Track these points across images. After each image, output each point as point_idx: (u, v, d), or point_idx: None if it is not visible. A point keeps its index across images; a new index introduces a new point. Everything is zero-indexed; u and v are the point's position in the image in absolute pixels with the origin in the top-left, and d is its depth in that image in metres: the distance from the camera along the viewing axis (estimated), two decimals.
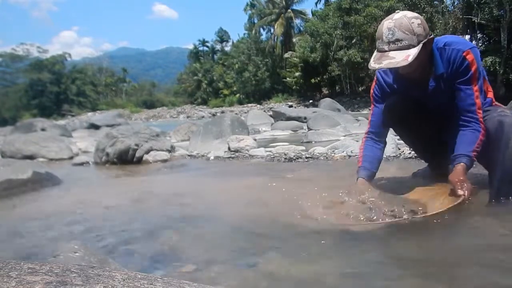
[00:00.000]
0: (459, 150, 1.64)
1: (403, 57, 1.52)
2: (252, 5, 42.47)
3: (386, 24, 1.58)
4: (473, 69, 1.63)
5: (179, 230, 1.60)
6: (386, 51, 1.57)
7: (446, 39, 1.70)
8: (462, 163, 1.61)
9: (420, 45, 1.55)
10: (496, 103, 1.82)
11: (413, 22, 1.56)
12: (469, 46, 1.65)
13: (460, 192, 1.56)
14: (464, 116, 1.67)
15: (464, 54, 1.62)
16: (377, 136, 1.89)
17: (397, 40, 1.54)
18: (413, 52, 1.52)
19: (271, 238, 1.44)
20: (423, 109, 1.86)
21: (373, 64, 1.59)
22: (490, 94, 1.80)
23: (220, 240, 1.49)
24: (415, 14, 1.61)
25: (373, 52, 1.66)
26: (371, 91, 1.94)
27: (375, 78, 1.93)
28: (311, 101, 27.35)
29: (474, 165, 1.71)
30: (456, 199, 1.55)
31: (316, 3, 37.47)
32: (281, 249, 1.31)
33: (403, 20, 1.56)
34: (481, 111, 1.64)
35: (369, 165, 1.82)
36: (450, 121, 1.75)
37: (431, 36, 1.63)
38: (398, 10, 1.67)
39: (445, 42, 1.68)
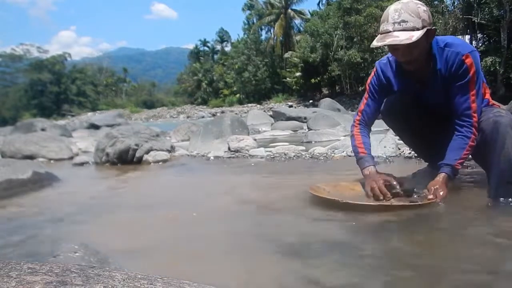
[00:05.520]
0: (445, 158, 1.69)
1: (407, 37, 1.54)
2: (251, 6, 42.38)
3: (394, 6, 1.61)
4: (471, 73, 1.63)
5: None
6: (390, 31, 1.58)
7: (447, 39, 1.70)
8: (443, 173, 1.66)
9: (424, 30, 1.56)
10: (493, 102, 1.82)
11: (419, 7, 1.58)
12: (469, 50, 1.64)
13: (430, 197, 1.62)
14: (458, 120, 1.68)
15: (463, 57, 1.62)
16: (367, 125, 1.94)
17: (403, 21, 1.56)
18: (417, 34, 1.54)
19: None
20: (423, 107, 1.87)
21: (375, 42, 1.61)
22: (487, 96, 1.81)
23: None
24: (422, 3, 1.63)
25: (373, 53, 1.67)
26: (368, 81, 1.94)
27: (374, 70, 1.93)
28: (311, 101, 27.28)
29: (473, 167, 1.71)
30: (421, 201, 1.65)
31: (318, 3, 37.49)
32: None
33: (411, 3, 1.59)
34: (476, 115, 1.65)
35: (370, 152, 1.88)
36: (448, 120, 1.76)
37: (434, 28, 1.63)
38: None
39: (446, 42, 1.68)
